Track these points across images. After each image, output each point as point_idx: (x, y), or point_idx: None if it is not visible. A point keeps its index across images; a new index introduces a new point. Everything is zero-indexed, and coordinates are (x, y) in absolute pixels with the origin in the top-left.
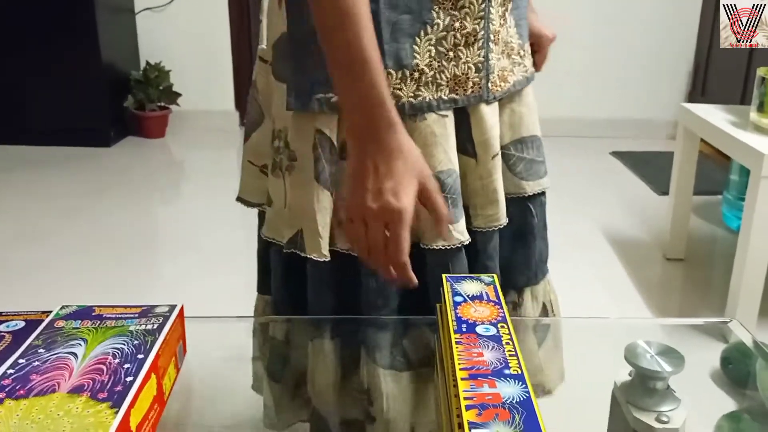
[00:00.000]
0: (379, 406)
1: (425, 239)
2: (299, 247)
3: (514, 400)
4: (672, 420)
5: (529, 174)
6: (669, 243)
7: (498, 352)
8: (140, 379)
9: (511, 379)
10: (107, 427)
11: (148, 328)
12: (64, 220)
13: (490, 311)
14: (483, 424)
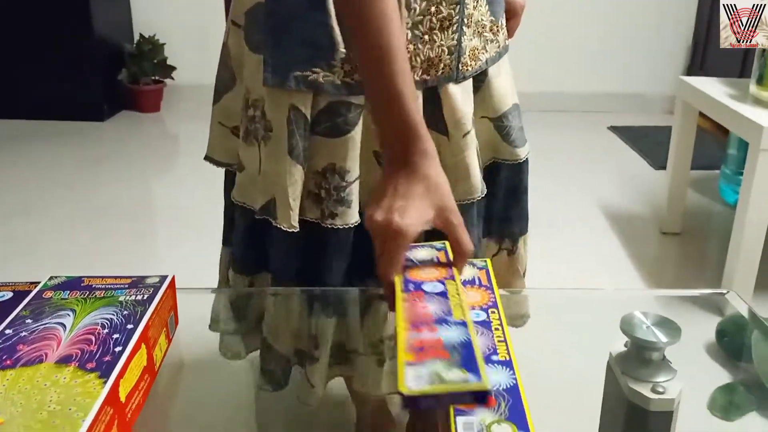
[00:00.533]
0: (323, 351)
1: None
2: (271, 215)
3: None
4: (668, 391)
5: (520, 140)
6: (665, 217)
7: (443, 304)
8: (129, 349)
9: (454, 324)
10: (95, 396)
11: (138, 299)
12: (57, 193)
13: (438, 272)
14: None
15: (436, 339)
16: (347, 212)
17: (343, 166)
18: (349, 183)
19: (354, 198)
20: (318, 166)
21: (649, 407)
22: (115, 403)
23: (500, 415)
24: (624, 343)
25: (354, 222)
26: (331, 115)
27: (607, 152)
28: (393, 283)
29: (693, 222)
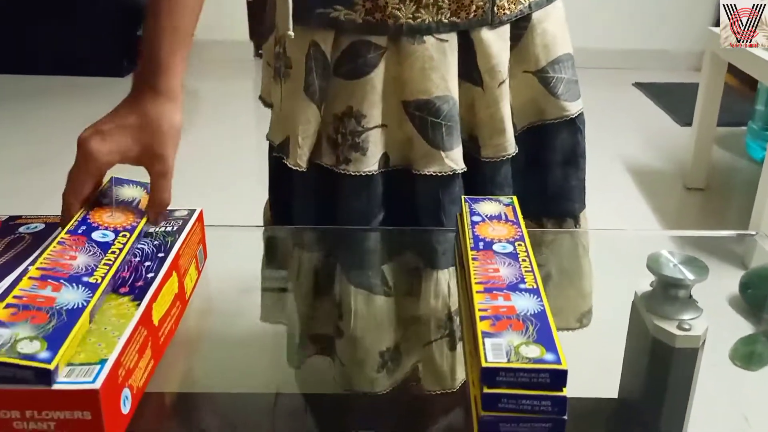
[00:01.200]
0: (346, 323)
1: (416, 165)
2: (285, 153)
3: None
4: (694, 328)
5: (570, 94)
6: (690, 173)
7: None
8: (161, 275)
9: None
10: (130, 317)
11: (168, 230)
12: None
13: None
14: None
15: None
16: (361, 159)
17: (360, 110)
18: (365, 129)
19: (371, 146)
20: (337, 109)
21: (674, 344)
22: (148, 325)
23: (528, 337)
24: (650, 283)
25: (368, 170)
26: (352, 56)
27: (632, 109)
28: (68, 205)
29: (718, 178)
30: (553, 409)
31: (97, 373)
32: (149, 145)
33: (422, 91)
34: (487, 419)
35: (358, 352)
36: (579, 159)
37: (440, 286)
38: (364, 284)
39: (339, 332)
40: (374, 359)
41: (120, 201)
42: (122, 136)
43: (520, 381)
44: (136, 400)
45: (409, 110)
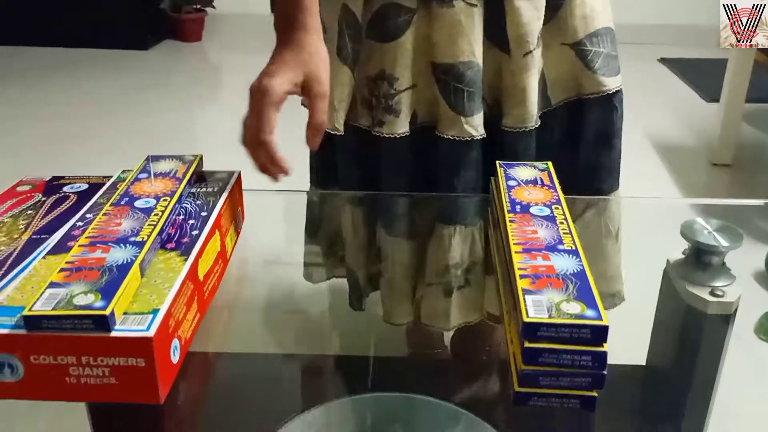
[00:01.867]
0: (385, 266)
1: (439, 126)
2: None
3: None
4: (727, 294)
5: (609, 69)
6: (716, 149)
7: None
8: (206, 233)
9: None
10: (178, 271)
11: (210, 191)
12: (104, 119)
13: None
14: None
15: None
16: (395, 121)
17: (392, 73)
18: (398, 91)
19: (403, 108)
20: (371, 72)
21: (707, 310)
22: (194, 280)
23: (569, 295)
24: (682, 251)
25: (402, 132)
26: (383, 18)
27: (658, 84)
28: (265, 143)
29: (745, 154)
30: (593, 364)
31: (150, 321)
32: (309, 72)
33: (448, 56)
34: (527, 373)
35: (393, 290)
36: (612, 139)
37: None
38: (398, 234)
39: (380, 274)
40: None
41: (158, 174)
42: (287, 69)
43: (560, 336)
44: (184, 351)
45: (436, 72)
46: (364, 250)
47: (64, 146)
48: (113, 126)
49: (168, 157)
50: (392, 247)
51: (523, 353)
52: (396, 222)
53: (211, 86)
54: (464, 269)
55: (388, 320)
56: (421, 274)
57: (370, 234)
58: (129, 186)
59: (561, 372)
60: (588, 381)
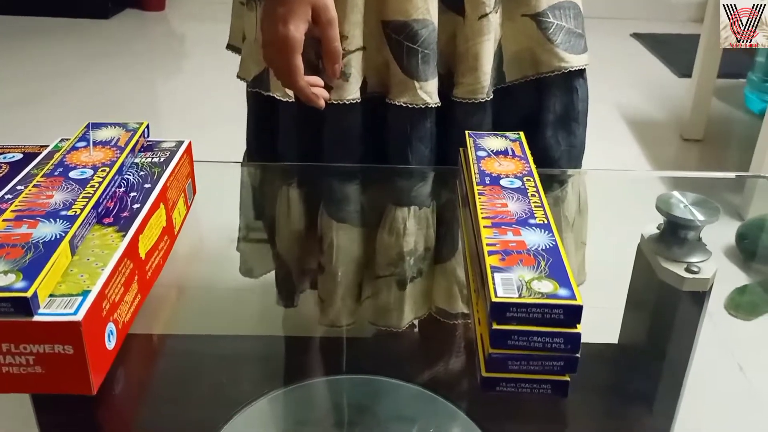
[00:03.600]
0: (328, 257)
1: (390, 93)
2: (263, 86)
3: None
4: (702, 271)
5: (571, 46)
6: (687, 124)
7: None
8: (148, 206)
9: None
10: (114, 248)
11: (155, 161)
12: (63, 85)
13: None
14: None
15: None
16: (344, 86)
17: (342, 31)
18: (347, 52)
19: (354, 71)
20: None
21: (682, 287)
22: (134, 257)
23: (541, 272)
24: (657, 226)
25: (351, 98)
26: None
27: (630, 59)
28: (302, 87)
29: (715, 129)
30: (566, 347)
31: (79, 304)
32: (316, 2)
33: (401, 12)
34: (495, 357)
35: (337, 286)
36: (572, 124)
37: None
38: (345, 219)
39: (321, 267)
40: (353, 292)
41: (98, 142)
42: (297, 8)
43: (532, 317)
44: (122, 336)
45: (387, 31)
46: (300, 236)
47: (18, 113)
48: (70, 94)
49: (110, 125)
50: (337, 235)
51: (490, 335)
52: (343, 204)
53: (175, 56)
54: (417, 257)
55: (329, 323)
56: (369, 265)
57: (310, 218)
58: (65, 155)
59: (531, 356)
60: (560, 365)
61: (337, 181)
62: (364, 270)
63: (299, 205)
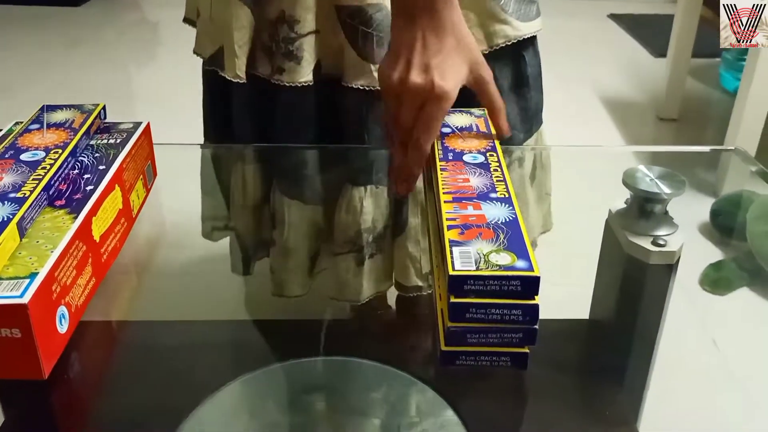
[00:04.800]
0: (279, 232)
1: (346, 76)
2: (219, 65)
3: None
4: (669, 244)
5: (523, 14)
6: (663, 104)
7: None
8: (101, 188)
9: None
10: (65, 231)
11: (111, 142)
12: (33, 73)
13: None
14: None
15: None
16: (296, 69)
17: (293, 15)
18: (299, 35)
19: (306, 55)
20: (271, 14)
21: (648, 260)
22: (87, 240)
23: (499, 245)
24: (624, 201)
25: (304, 81)
26: None
27: (606, 40)
28: (425, 153)
29: (691, 109)
30: (524, 318)
31: (26, 287)
32: (473, 60)
33: None
34: (453, 330)
35: (288, 259)
36: (522, 88)
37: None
38: (297, 196)
39: (272, 241)
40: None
41: (51, 124)
42: (457, 64)
43: (489, 290)
44: (75, 320)
45: (341, 16)
46: (254, 211)
47: None
48: (39, 81)
49: (66, 107)
50: (289, 211)
51: (449, 308)
52: (295, 182)
53: (148, 44)
54: (376, 235)
55: (279, 293)
56: (322, 241)
57: (263, 193)
58: (17, 138)
59: (490, 328)
60: (519, 337)
61: (292, 159)
62: (316, 245)
63: (255, 183)
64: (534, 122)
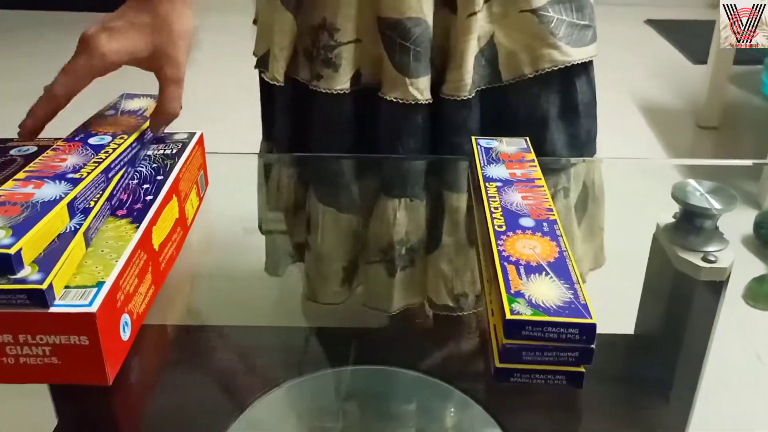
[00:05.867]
0: (313, 239)
1: (383, 87)
2: (265, 67)
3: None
4: (720, 260)
5: (574, 39)
6: (703, 111)
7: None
8: (160, 198)
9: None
10: (128, 240)
11: (168, 153)
12: None
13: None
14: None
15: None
16: (333, 76)
17: (333, 23)
18: (338, 43)
19: (344, 62)
20: (313, 21)
21: (699, 276)
22: (148, 249)
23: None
24: (673, 214)
25: (340, 88)
26: None
27: (644, 46)
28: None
29: (731, 116)
30: (581, 337)
31: (93, 296)
32: (161, 47)
33: (395, 10)
34: (509, 347)
35: (321, 266)
36: (571, 114)
37: (408, 213)
38: (332, 204)
39: (308, 246)
40: (337, 274)
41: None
42: (133, 34)
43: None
44: (136, 327)
45: (381, 28)
46: (290, 215)
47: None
48: None
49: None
50: (323, 218)
51: (504, 325)
52: (330, 190)
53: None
54: (408, 248)
55: (313, 298)
56: (357, 253)
57: (300, 198)
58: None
59: (546, 346)
60: (575, 356)
61: (328, 167)
62: (350, 255)
63: (291, 189)
64: (585, 151)
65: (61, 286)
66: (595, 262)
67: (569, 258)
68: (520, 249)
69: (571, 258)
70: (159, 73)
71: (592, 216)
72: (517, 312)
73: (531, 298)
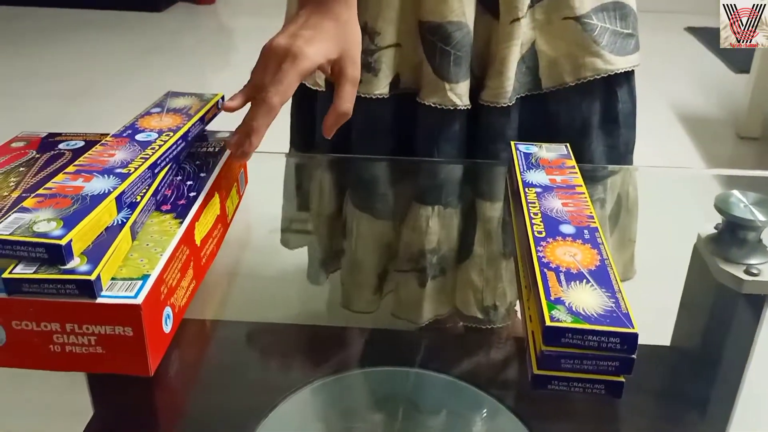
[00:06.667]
0: (349, 245)
1: (422, 92)
2: None
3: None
4: (762, 273)
5: (617, 48)
6: (744, 121)
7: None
8: (203, 195)
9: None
10: (172, 234)
11: (210, 151)
12: (115, 79)
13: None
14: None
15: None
16: (372, 80)
17: (374, 27)
18: (378, 48)
19: (383, 67)
20: None
21: (741, 289)
22: (190, 244)
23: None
24: (714, 225)
25: (378, 93)
26: None
27: (684, 54)
28: (273, 108)
29: None
30: (621, 347)
31: (139, 288)
32: (347, 49)
33: (437, 14)
34: (548, 354)
35: (355, 273)
36: (610, 124)
37: (443, 219)
38: (367, 209)
39: (344, 252)
40: (370, 281)
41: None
42: (327, 40)
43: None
44: (177, 320)
45: (422, 32)
46: (330, 221)
47: (70, 104)
48: (122, 87)
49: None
50: (359, 224)
51: (544, 332)
52: (366, 195)
53: (224, 49)
54: (440, 256)
55: (347, 306)
56: (389, 260)
57: (339, 204)
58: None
59: (585, 354)
60: (615, 365)
61: (364, 172)
62: (383, 262)
63: (332, 193)
64: (622, 162)
65: (108, 278)
66: (624, 274)
67: (611, 266)
68: (561, 256)
69: (613, 266)
70: (340, 73)
71: (625, 227)
72: (557, 319)
73: (571, 306)
